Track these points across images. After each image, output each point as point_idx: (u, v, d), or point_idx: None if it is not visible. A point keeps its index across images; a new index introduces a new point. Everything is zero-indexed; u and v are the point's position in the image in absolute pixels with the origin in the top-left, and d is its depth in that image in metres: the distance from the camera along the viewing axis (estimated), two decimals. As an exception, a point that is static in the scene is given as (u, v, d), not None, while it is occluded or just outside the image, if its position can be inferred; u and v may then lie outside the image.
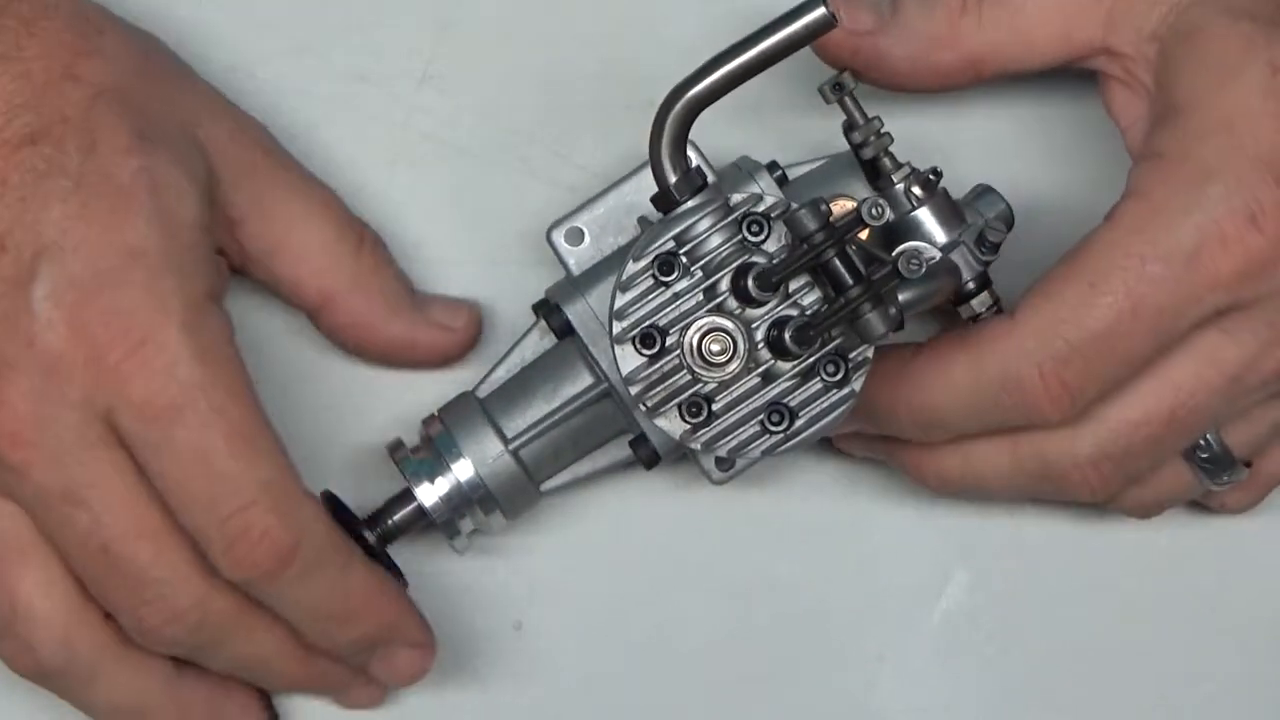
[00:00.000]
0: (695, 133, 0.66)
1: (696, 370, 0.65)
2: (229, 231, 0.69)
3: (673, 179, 0.66)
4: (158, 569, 0.64)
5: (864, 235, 0.65)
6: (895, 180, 0.70)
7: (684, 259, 0.65)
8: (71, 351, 0.63)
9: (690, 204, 0.66)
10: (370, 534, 0.71)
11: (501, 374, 0.72)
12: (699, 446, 0.65)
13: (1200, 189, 0.65)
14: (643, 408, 0.65)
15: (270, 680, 0.70)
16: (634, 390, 0.65)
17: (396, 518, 0.71)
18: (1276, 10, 0.67)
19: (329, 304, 0.71)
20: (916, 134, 0.74)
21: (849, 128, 0.70)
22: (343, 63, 0.76)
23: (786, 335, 0.64)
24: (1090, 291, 0.66)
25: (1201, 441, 0.70)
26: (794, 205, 0.64)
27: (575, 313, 0.70)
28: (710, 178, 0.68)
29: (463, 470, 0.70)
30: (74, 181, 0.64)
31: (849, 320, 0.63)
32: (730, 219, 0.65)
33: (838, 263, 0.63)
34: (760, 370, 0.65)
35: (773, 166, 0.71)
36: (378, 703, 0.73)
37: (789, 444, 0.65)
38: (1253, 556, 0.77)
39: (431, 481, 0.71)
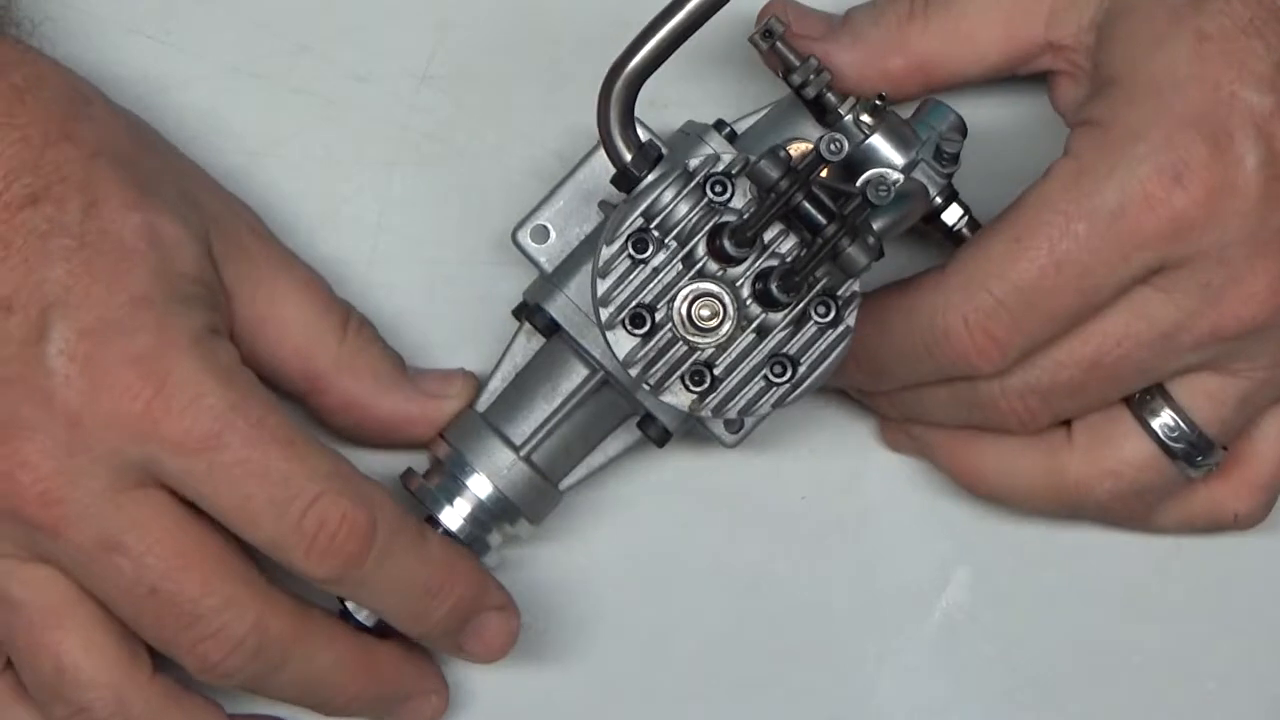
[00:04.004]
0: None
1: (691, 339, 0.65)
2: (223, 303, 0.68)
3: (628, 157, 0.66)
4: (209, 598, 0.65)
5: (825, 173, 0.64)
6: (843, 113, 0.70)
7: (656, 233, 0.64)
8: (92, 404, 0.63)
9: (650, 178, 0.66)
10: (403, 567, 0.71)
11: (497, 384, 0.72)
12: (708, 413, 0.65)
13: (1126, 149, 0.66)
14: (645, 387, 0.65)
15: (332, 700, 0.69)
16: (634, 372, 0.65)
17: (426, 546, 0.71)
18: None
19: (316, 386, 0.71)
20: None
21: (787, 70, 0.70)
22: (343, 63, 0.76)
23: (772, 286, 0.64)
24: (1016, 246, 0.67)
25: (1169, 423, 0.70)
26: (752, 158, 0.64)
27: (557, 309, 0.69)
28: (663, 149, 0.68)
29: (480, 486, 0.70)
30: (76, 240, 0.64)
31: (830, 258, 0.63)
32: (693, 184, 0.64)
33: (808, 205, 0.63)
34: (754, 326, 0.65)
35: (720, 125, 0.71)
36: (440, 713, 0.73)
37: (796, 392, 0.65)
38: (1252, 557, 0.77)
39: (451, 504, 0.70)
